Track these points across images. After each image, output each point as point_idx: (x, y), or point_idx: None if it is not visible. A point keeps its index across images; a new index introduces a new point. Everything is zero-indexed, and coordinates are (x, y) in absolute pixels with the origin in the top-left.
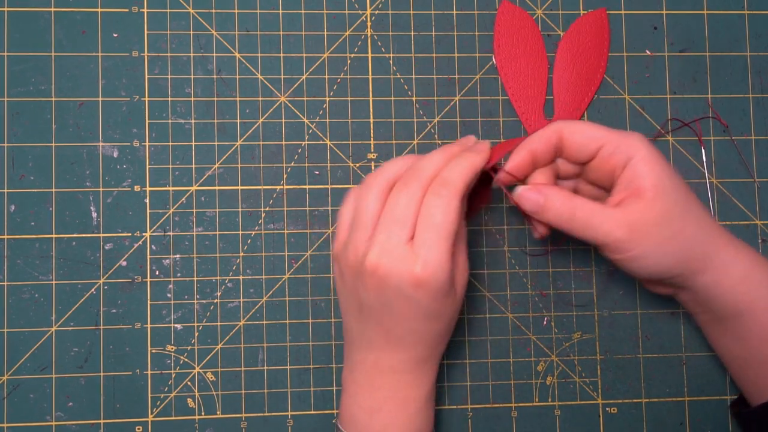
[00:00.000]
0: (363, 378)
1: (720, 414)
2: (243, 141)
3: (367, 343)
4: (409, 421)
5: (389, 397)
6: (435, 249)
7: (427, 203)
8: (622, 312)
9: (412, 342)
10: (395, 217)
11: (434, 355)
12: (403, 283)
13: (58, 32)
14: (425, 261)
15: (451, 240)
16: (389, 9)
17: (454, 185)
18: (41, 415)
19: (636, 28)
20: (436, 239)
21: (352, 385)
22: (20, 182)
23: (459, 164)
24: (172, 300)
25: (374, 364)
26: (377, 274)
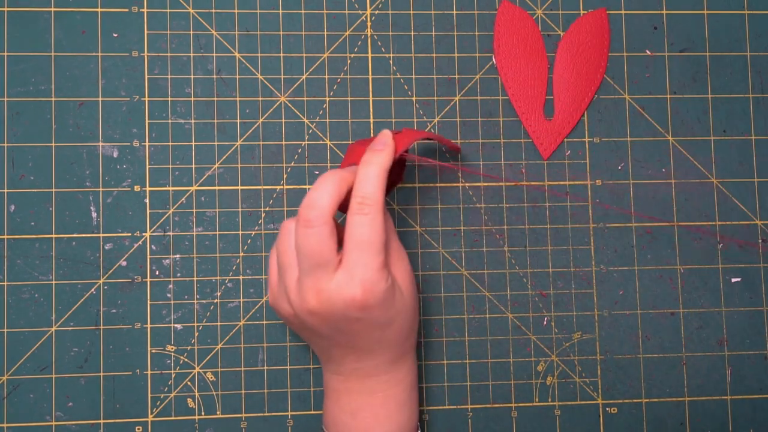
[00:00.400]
0: (341, 385)
1: (720, 414)
2: (243, 141)
3: (337, 359)
4: (391, 419)
5: (369, 399)
6: (369, 267)
7: (353, 223)
8: (622, 312)
9: (379, 349)
10: (315, 260)
11: (406, 350)
12: (348, 310)
13: (58, 32)
14: (362, 282)
15: (383, 253)
16: (389, 9)
17: (373, 198)
18: (41, 415)
19: (636, 28)
20: (368, 258)
21: (332, 391)
22: (20, 182)
23: (369, 174)
24: (172, 300)
25: (351, 372)
26: (320, 314)
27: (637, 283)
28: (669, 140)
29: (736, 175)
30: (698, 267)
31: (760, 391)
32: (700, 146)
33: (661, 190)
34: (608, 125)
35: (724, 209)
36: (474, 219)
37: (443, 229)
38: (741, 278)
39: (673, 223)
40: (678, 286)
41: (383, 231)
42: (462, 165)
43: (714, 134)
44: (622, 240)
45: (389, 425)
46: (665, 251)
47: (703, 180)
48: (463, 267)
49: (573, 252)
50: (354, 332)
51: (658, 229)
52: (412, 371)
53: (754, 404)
